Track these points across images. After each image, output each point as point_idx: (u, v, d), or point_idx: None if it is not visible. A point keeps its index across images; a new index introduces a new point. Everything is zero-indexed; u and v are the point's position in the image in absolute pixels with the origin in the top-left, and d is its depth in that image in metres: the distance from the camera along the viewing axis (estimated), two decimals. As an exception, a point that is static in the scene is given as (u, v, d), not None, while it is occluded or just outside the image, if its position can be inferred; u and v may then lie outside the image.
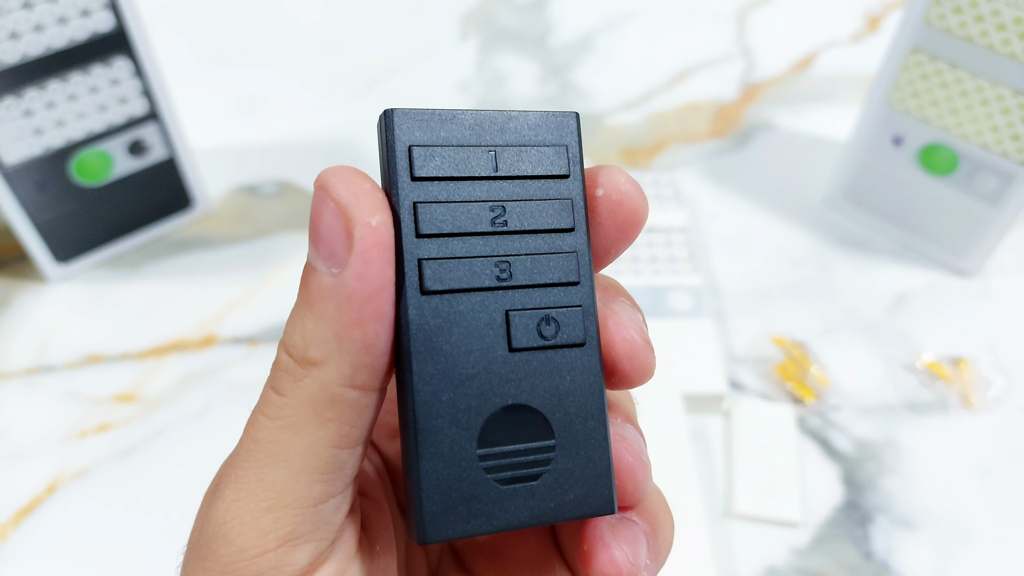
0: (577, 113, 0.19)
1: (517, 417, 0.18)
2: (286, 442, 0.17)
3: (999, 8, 0.44)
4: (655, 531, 0.19)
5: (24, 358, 0.49)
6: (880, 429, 0.46)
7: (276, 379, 0.18)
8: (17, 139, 0.46)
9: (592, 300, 0.19)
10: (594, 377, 0.18)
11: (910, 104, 0.50)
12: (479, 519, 0.17)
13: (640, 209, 0.19)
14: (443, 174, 0.18)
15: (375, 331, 0.17)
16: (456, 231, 0.18)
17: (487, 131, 0.18)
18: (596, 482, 0.18)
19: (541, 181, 0.19)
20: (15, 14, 0.43)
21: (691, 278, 0.51)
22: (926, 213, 0.53)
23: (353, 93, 0.68)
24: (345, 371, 0.17)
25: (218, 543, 0.17)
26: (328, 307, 0.16)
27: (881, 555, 0.41)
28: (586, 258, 0.19)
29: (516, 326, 0.18)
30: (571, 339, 0.18)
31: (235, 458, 0.18)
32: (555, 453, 0.18)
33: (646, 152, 0.63)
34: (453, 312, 0.18)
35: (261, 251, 0.55)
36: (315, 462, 0.17)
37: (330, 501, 0.17)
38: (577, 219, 0.19)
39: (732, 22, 0.75)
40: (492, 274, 0.18)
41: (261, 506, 0.17)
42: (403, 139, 0.18)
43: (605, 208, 0.19)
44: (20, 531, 0.42)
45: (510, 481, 0.18)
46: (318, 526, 0.17)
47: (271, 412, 0.17)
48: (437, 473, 0.17)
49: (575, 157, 0.19)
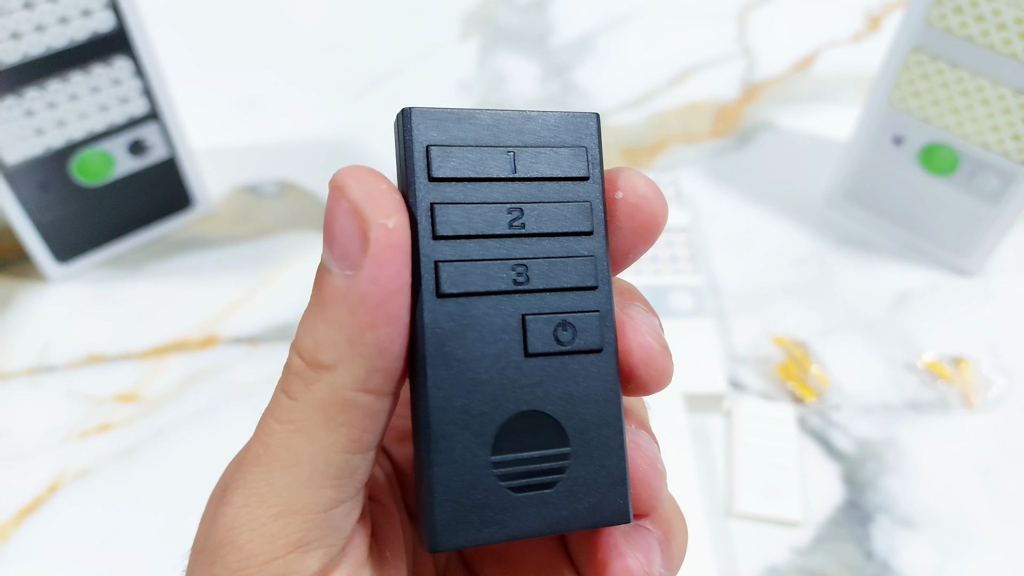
0: (598, 114, 0.19)
1: (532, 424, 0.17)
2: (296, 447, 0.17)
3: (1000, 8, 0.44)
4: (669, 539, 0.19)
5: (25, 358, 0.49)
6: (881, 429, 0.46)
7: (287, 382, 0.17)
8: (18, 139, 0.46)
9: (610, 305, 0.18)
10: (611, 384, 0.18)
11: (911, 104, 0.50)
12: (491, 527, 0.17)
13: (659, 213, 0.18)
14: (461, 175, 0.17)
15: (388, 335, 0.16)
16: (473, 233, 0.17)
17: (505, 131, 0.18)
18: (611, 490, 0.18)
19: (560, 183, 0.18)
20: (16, 14, 0.43)
21: (692, 278, 0.51)
22: (927, 213, 0.53)
23: (354, 93, 0.68)
24: (358, 375, 0.16)
25: (227, 549, 0.17)
26: (341, 310, 0.16)
27: (882, 555, 0.41)
28: (604, 262, 0.18)
29: (532, 331, 0.17)
30: (588, 345, 0.18)
31: (243, 462, 0.17)
32: (570, 461, 0.18)
33: (647, 152, 0.63)
34: (468, 316, 0.17)
35: (262, 251, 0.55)
36: (326, 467, 0.17)
37: (341, 507, 0.17)
38: (596, 222, 0.18)
39: (733, 22, 0.75)
40: (509, 277, 0.17)
41: (271, 512, 0.17)
42: (420, 139, 0.17)
43: (624, 212, 0.18)
44: (21, 531, 0.42)
45: (524, 489, 0.17)
46: (328, 532, 0.17)
47: (281, 416, 0.17)
48: (449, 480, 0.17)
49: (595, 159, 0.19)
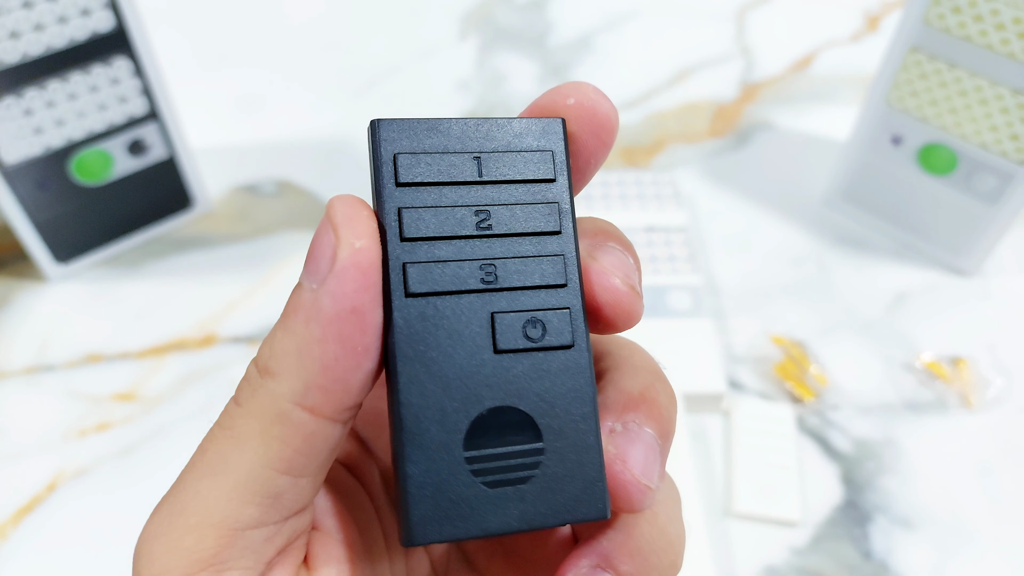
0: (563, 119, 0.19)
1: (505, 420, 0.18)
2: (228, 454, 0.17)
3: (998, 8, 0.44)
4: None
5: (24, 357, 0.49)
6: (879, 429, 0.46)
7: (238, 389, 0.17)
8: (17, 138, 0.46)
9: (580, 302, 0.19)
10: (583, 380, 0.18)
11: (909, 104, 0.50)
12: (467, 522, 0.17)
13: (611, 114, 0.19)
14: (427, 179, 0.18)
15: (334, 353, 0.16)
16: (441, 235, 0.18)
17: (472, 138, 0.19)
18: (587, 486, 0.18)
19: (527, 185, 0.19)
20: (15, 13, 0.43)
21: (690, 278, 0.51)
22: (925, 213, 0.53)
23: (353, 93, 0.68)
24: (296, 388, 0.16)
25: (143, 562, 0.17)
26: (298, 321, 0.16)
27: (880, 555, 0.41)
28: (574, 261, 0.19)
29: (501, 328, 0.18)
30: (558, 341, 0.18)
31: (183, 469, 0.17)
32: (544, 456, 0.18)
33: (645, 152, 0.63)
34: (438, 315, 0.18)
35: (261, 250, 0.55)
36: (250, 481, 0.17)
37: (261, 529, 0.17)
38: (563, 222, 0.19)
39: (732, 22, 0.75)
40: (477, 277, 0.18)
41: (189, 522, 0.17)
42: (389, 148, 0.18)
43: (579, 115, 0.19)
44: (20, 530, 0.42)
45: (498, 484, 0.17)
46: (244, 553, 0.17)
47: (223, 422, 0.17)
48: (423, 475, 0.17)
49: (561, 162, 0.19)
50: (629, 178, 0.58)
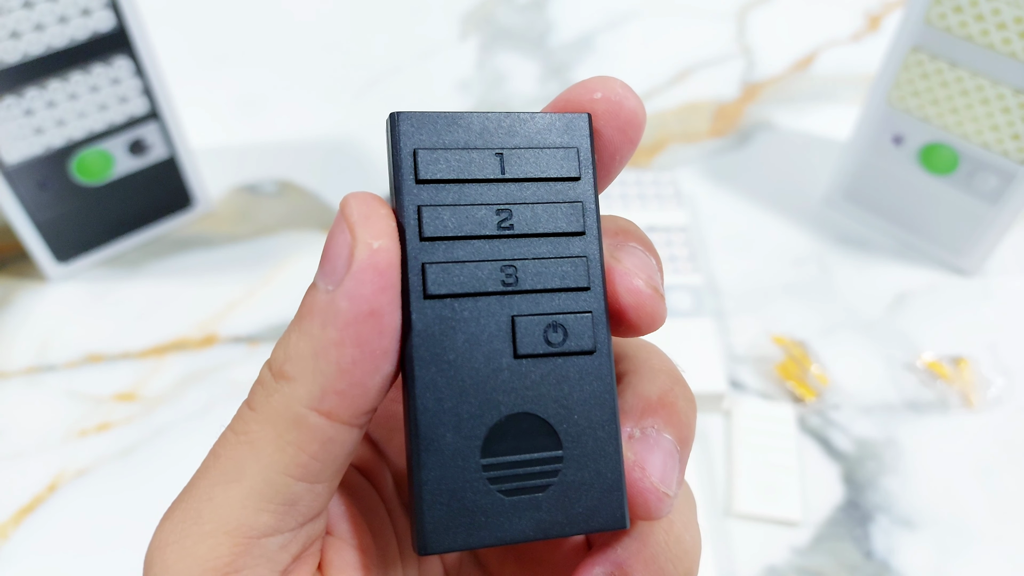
0: (589, 115, 0.19)
1: (523, 426, 0.17)
2: (243, 460, 0.16)
3: (999, 7, 0.44)
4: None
5: (24, 357, 0.49)
6: (880, 428, 0.46)
7: (252, 393, 0.17)
8: (18, 138, 0.46)
9: (603, 305, 0.18)
10: (604, 386, 0.18)
11: (910, 103, 0.50)
12: (482, 531, 0.17)
13: (639, 110, 0.18)
14: (448, 177, 0.17)
15: (352, 357, 0.16)
16: (461, 234, 0.17)
17: (494, 133, 0.18)
18: (606, 495, 0.17)
19: (550, 184, 0.18)
20: (16, 13, 0.43)
21: (691, 277, 0.51)
22: (926, 212, 0.53)
23: (353, 93, 0.68)
24: (313, 392, 0.16)
25: (156, 569, 0.16)
26: (314, 324, 0.16)
27: (881, 554, 0.41)
28: (597, 263, 0.18)
29: (522, 332, 0.17)
30: (580, 346, 0.18)
31: (195, 474, 0.17)
32: (562, 464, 0.17)
33: (646, 151, 0.63)
34: (457, 317, 0.17)
35: (261, 250, 0.55)
36: (266, 488, 0.16)
37: (276, 537, 0.16)
38: (588, 222, 0.18)
39: (732, 21, 0.75)
40: (498, 278, 0.17)
41: (204, 529, 0.16)
42: (408, 142, 0.17)
43: (605, 111, 0.18)
44: (21, 530, 0.42)
45: (515, 492, 0.17)
46: (259, 561, 0.16)
47: (237, 427, 0.17)
48: (439, 482, 0.17)
49: (586, 159, 0.18)
50: (630, 178, 0.57)
